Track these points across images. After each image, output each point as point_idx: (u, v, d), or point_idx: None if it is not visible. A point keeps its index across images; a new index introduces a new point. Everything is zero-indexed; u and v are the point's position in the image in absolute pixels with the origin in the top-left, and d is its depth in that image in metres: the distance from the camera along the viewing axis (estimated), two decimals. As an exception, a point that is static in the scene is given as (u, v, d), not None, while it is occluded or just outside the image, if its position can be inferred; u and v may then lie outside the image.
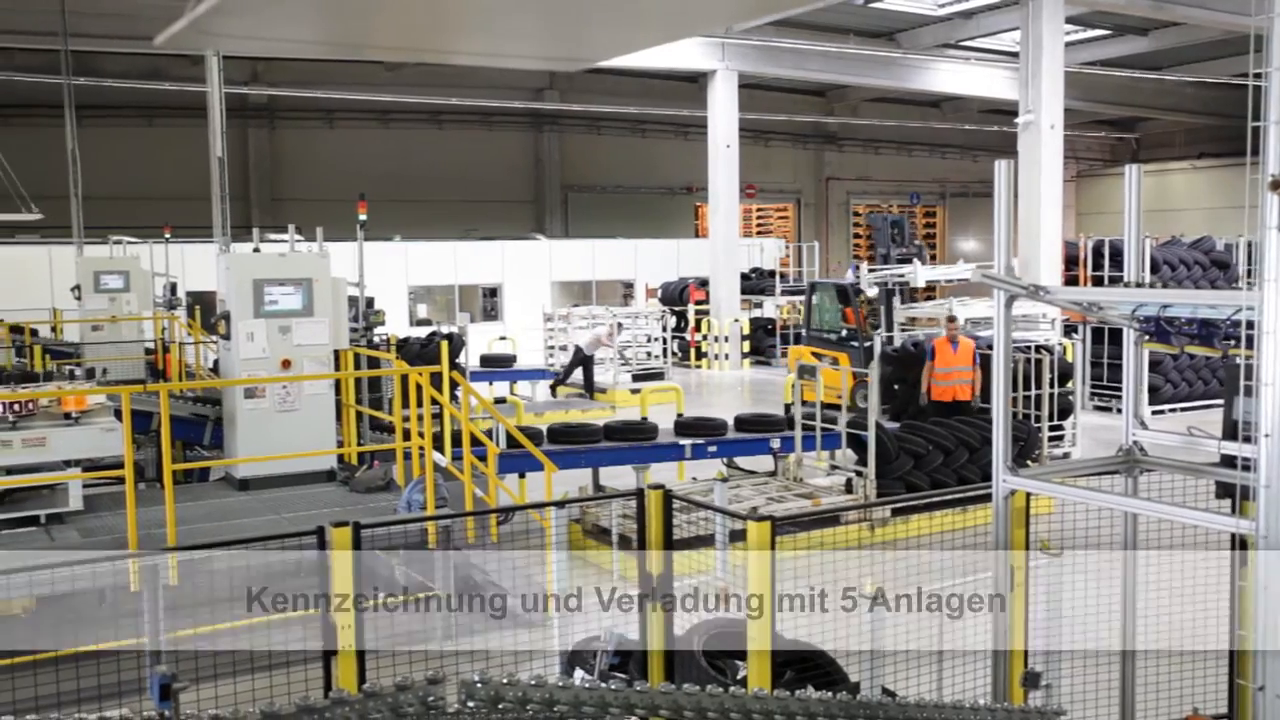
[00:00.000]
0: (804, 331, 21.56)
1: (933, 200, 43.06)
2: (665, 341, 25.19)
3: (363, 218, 12.02)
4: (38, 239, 24.87)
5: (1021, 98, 22.13)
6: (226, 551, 8.04)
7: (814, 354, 16.27)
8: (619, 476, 13.08)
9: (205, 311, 18.75)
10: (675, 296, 28.44)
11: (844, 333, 19.95)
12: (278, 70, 30.72)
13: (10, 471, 8.84)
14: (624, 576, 9.99)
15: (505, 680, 3.37)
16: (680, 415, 14.46)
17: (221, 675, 5.80)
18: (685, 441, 12.93)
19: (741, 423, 13.63)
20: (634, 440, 12.74)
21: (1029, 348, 14.67)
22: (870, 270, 20.37)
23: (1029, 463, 11.93)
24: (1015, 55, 25.86)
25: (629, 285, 30.65)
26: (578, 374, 21.22)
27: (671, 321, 25.87)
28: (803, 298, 29.47)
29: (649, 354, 25.19)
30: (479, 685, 3.32)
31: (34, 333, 16.60)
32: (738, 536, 9.60)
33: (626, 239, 30.92)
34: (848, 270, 23.42)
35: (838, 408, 12.64)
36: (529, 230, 33.46)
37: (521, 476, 12.00)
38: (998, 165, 4.99)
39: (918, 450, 12.40)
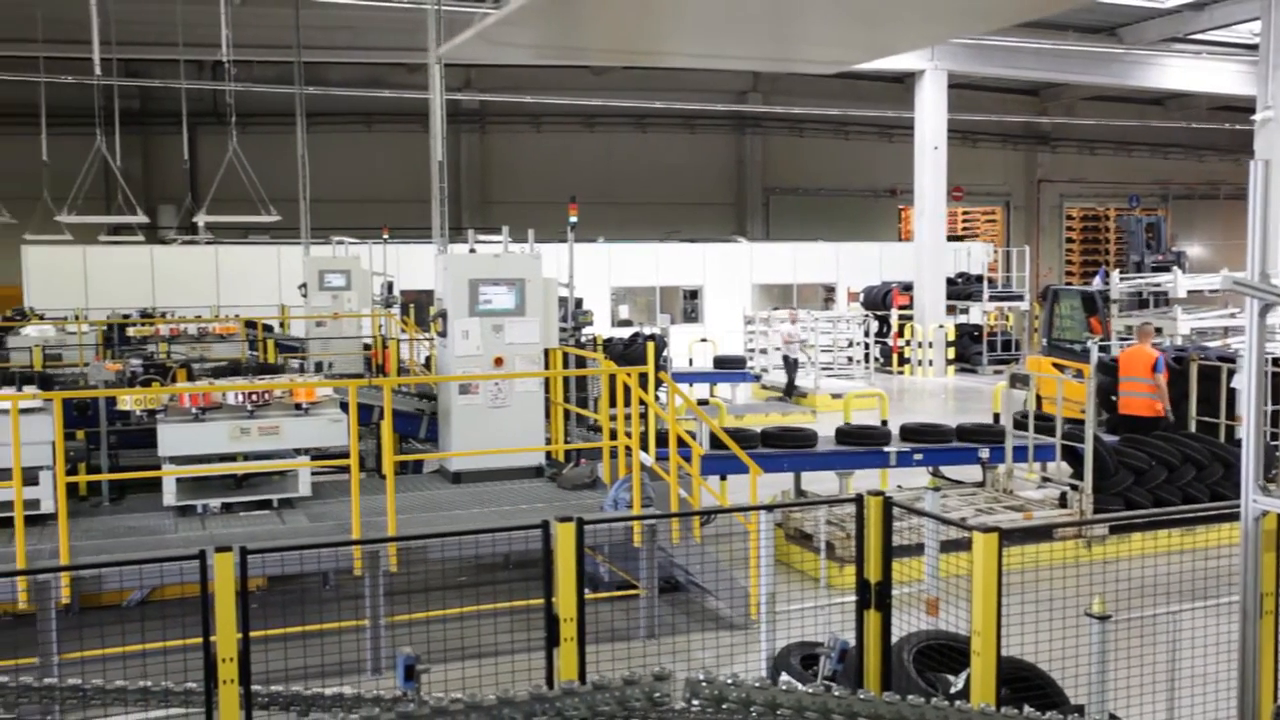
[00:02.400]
0: (1044, 341, 20.73)
1: (1153, 202, 40.92)
2: (866, 346, 24.77)
3: (573, 219, 12.25)
4: (267, 239, 26.44)
5: (1260, 93, 20.71)
6: (444, 541, 8.34)
7: (1055, 365, 15.55)
8: (817, 482, 12.94)
9: (419, 309, 19.53)
10: (878, 301, 27.95)
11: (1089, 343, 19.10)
12: (489, 76, 31.69)
13: (247, 457, 9.39)
14: (830, 584, 9.87)
15: (729, 681, 3.35)
16: (884, 421, 14.16)
17: (436, 660, 5.98)
18: (890, 449, 12.65)
19: (961, 432, 13.21)
20: (842, 445, 12.52)
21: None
22: (1122, 278, 19.33)
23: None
24: (1252, 48, 24.30)
25: (830, 289, 30.29)
26: (779, 376, 21.13)
27: (873, 326, 25.43)
28: (1011, 304, 28.61)
29: (849, 359, 24.83)
30: (704, 684, 3.32)
31: (267, 328, 17.59)
32: (949, 546, 9.35)
33: (828, 242, 30.56)
34: (1095, 276, 22.37)
35: (1073, 421, 12.10)
36: (730, 233, 33.48)
37: (723, 479, 11.99)
38: (1253, 166, 4.68)
39: (1139, 465, 11.79)
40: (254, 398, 9.43)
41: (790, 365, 20.99)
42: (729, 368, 21.21)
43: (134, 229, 23.68)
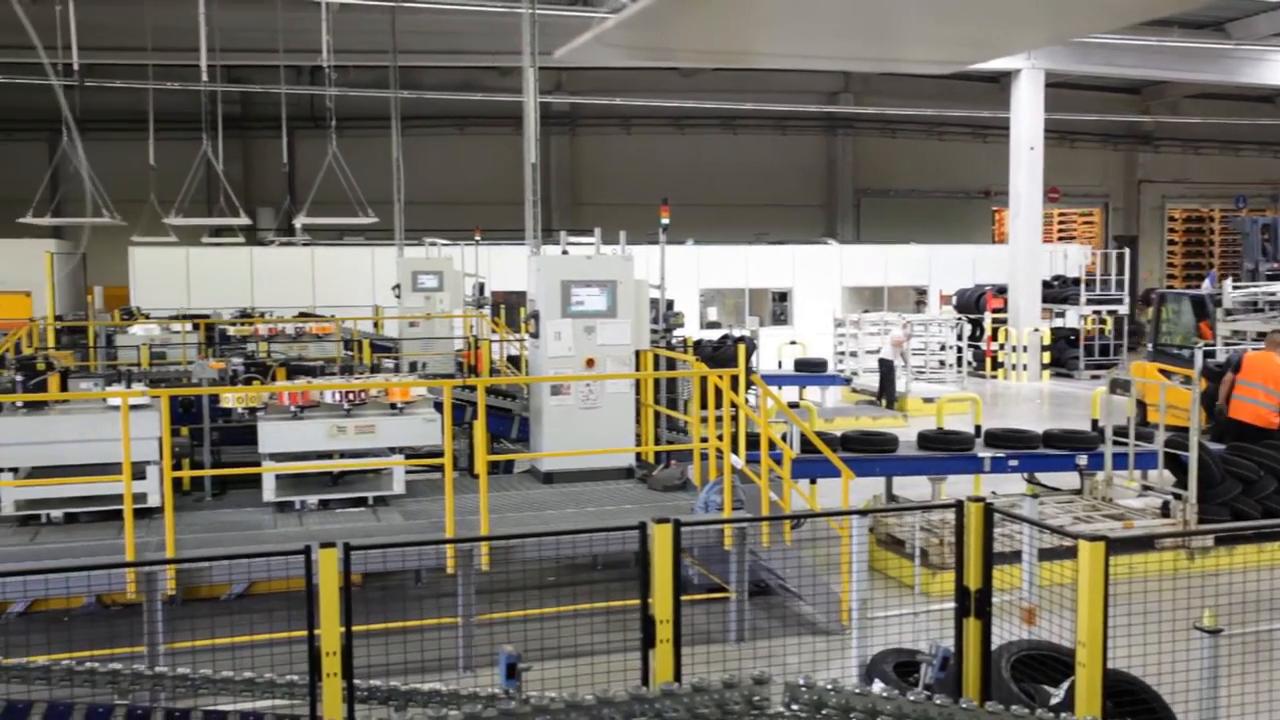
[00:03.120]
0: (1150, 346, 20.20)
1: (1262, 203, 39.62)
2: (959, 350, 24.39)
3: (665, 221, 12.26)
4: (361, 241, 26.93)
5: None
6: (537, 541, 8.40)
7: (1161, 371, 15.12)
8: (907, 487, 12.77)
9: (509, 310, 19.70)
10: (971, 304, 27.51)
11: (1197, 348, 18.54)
12: (580, 79, 31.90)
13: (343, 455, 9.56)
14: (924, 591, 9.73)
15: (829, 686, 3.32)
16: (978, 426, 13.91)
17: (529, 658, 6.02)
18: (985, 454, 12.43)
19: (1048, 438, 12.96)
20: (933, 450, 12.34)
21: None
22: (1235, 286, 18.71)
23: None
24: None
25: (922, 291, 29.88)
26: (869, 380, 20.90)
27: (966, 329, 25.03)
28: (1110, 307, 27.93)
29: (941, 362, 24.47)
30: (803, 689, 3.29)
31: (376, 342, 17.87)
32: (1046, 555, 9.15)
33: (920, 244, 30.17)
34: (1205, 280, 21.69)
35: (1176, 428, 11.77)
36: (820, 234, 33.24)
37: (813, 482, 11.89)
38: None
39: (1247, 475, 11.42)
40: (350, 397, 9.60)
41: (888, 371, 20.74)
42: (810, 371, 21.03)
43: (235, 231, 24.28)
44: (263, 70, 27.13)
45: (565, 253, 11.22)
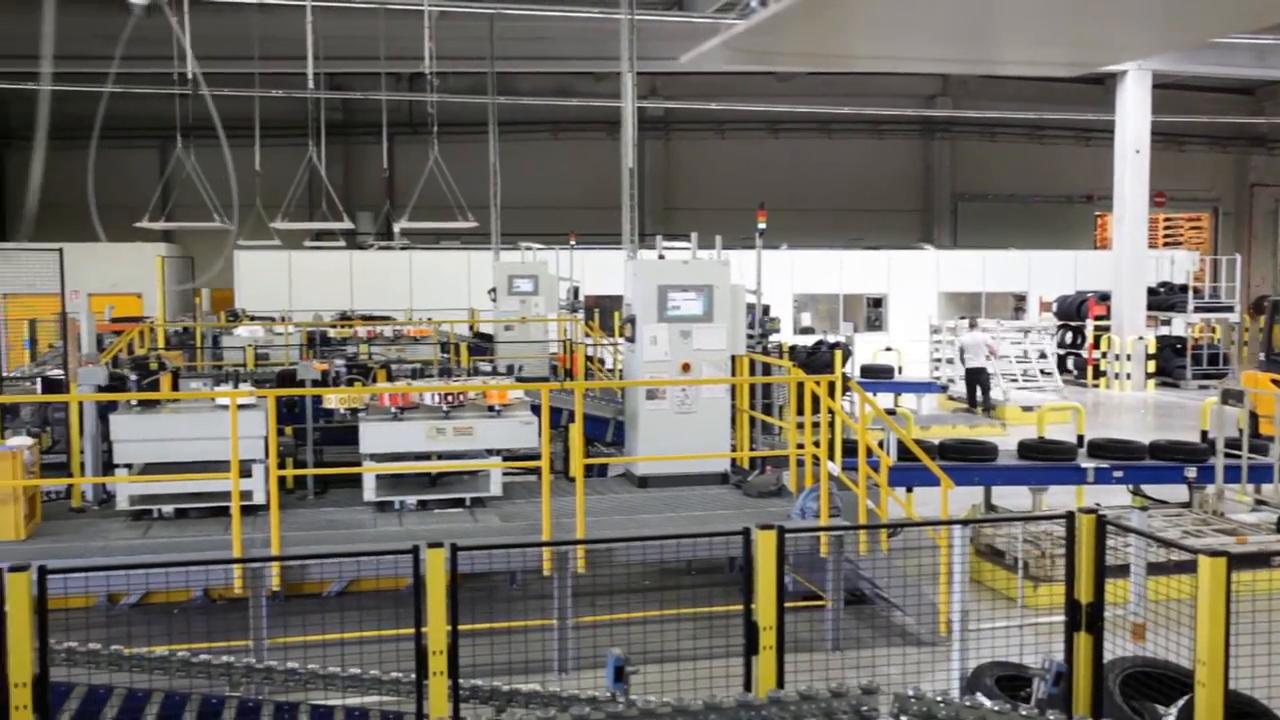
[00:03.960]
0: (1263, 355, 19.54)
1: (1383, 208, 38.15)
2: (1059, 358, 23.86)
3: (761, 226, 12.20)
4: (458, 245, 27.28)
5: None
6: (631, 544, 8.41)
7: (1275, 381, 14.61)
8: (1005, 497, 12.53)
9: (603, 314, 19.80)
10: (1072, 311, 26.89)
11: None
12: (674, 84, 31.94)
13: (441, 456, 9.68)
14: (1027, 604, 9.52)
15: (938, 698, 3.26)
16: (1081, 436, 13.59)
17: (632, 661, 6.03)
18: (1088, 465, 12.13)
19: (1154, 449, 12.60)
20: (1034, 459, 12.08)
21: None
22: None
23: None
24: None
25: (1021, 298, 29.31)
26: (963, 386, 20.55)
27: (1067, 337, 24.48)
28: (1219, 315, 27.09)
29: (1041, 371, 23.96)
30: (912, 699, 3.23)
31: (481, 335, 18.11)
32: (1154, 569, 8.91)
33: (1019, 250, 29.59)
34: None
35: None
36: (916, 240, 32.81)
37: (909, 490, 11.73)
38: None
39: (1368, 489, 10.97)
40: (449, 399, 9.72)
41: (981, 378, 20.36)
42: (876, 377, 20.70)
43: (335, 235, 24.79)
44: (363, 77, 27.66)
45: (661, 257, 11.22)
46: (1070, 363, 26.65)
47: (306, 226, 22.40)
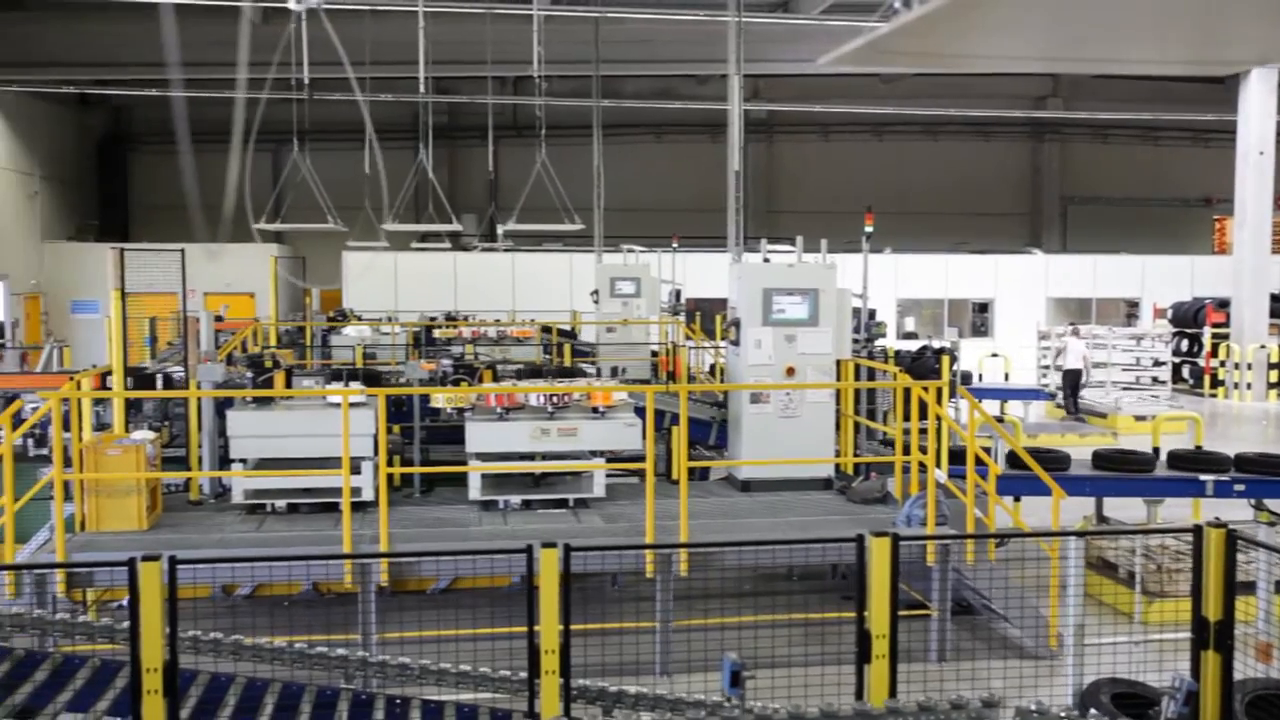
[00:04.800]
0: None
1: None
2: (1174, 367, 23.15)
3: (868, 229, 12.07)
4: (560, 247, 27.50)
5: None
6: (735, 549, 8.37)
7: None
8: (1116, 509, 12.17)
9: (704, 317, 19.76)
10: (1188, 318, 26.06)
11: None
12: (777, 87, 31.78)
13: (545, 457, 9.76)
14: (1144, 620, 9.24)
15: (1063, 714, 3.17)
16: (1198, 447, 13.13)
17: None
18: (1206, 477, 11.70)
19: (1239, 462, 12.03)
20: (1135, 470, 11.66)
21: None
22: None
23: None
24: None
25: (1133, 304, 28.51)
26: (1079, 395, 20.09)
27: (1183, 345, 23.74)
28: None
29: (1154, 379, 23.26)
30: (1035, 713, 3.16)
31: (562, 332, 18.26)
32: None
33: (1132, 254, 28.78)
34: None
35: None
36: (1024, 244, 32.13)
37: (1016, 499, 11.47)
38: None
39: None
40: (554, 400, 9.80)
41: (1075, 381, 19.89)
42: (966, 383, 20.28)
43: (441, 236, 25.19)
44: (467, 81, 28.04)
45: (766, 260, 11.16)
46: (1186, 371, 25.84)
47: (416, 228, 22.81)
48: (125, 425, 9.97)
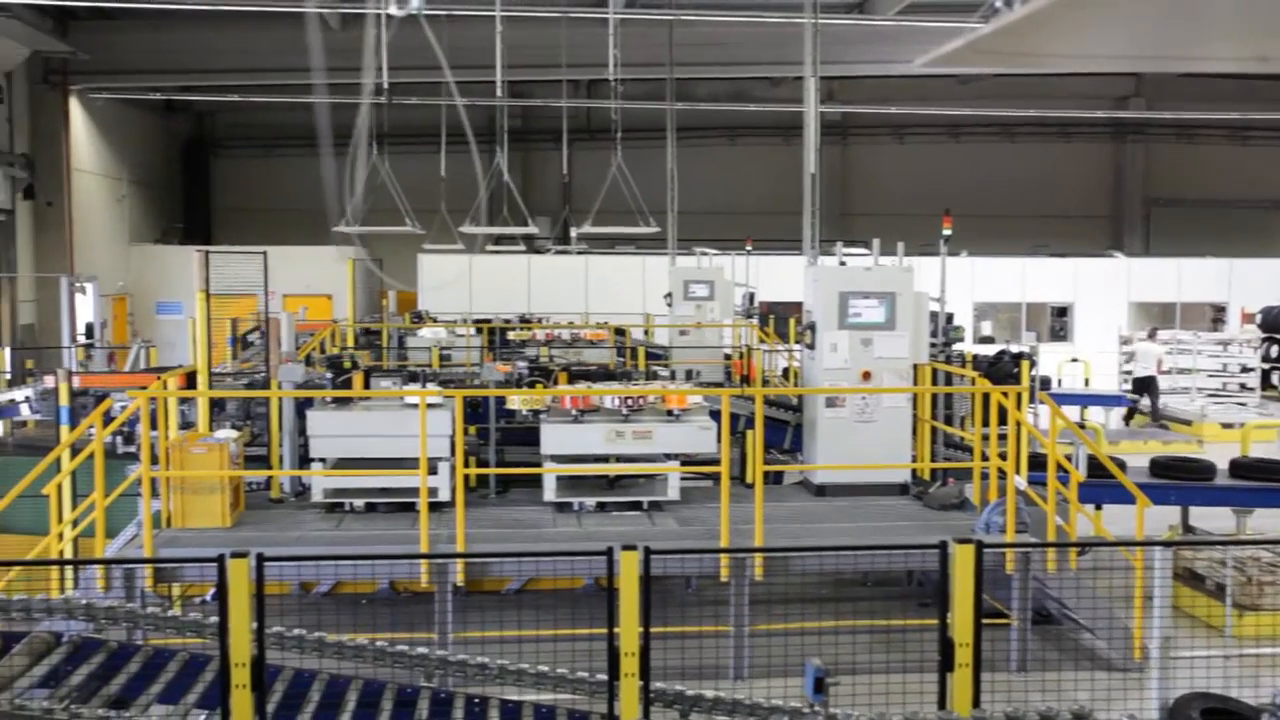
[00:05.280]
0: None
1: None
2: (1263, 373, 22.53)
3: (946, 232, 11.92)
4: (633, 250, 27.54)
5: None
6: (810, 553, 8.31)
7: None
8: (1204, 518, 11.88)
9: (777, 320, 19.67)
10: (1279, 323, 25.34)
11: None
12: (852, 88, 31.53)
13: (620, 459, 9.78)
14: (1235, 634, 9.01)
15: (1157, 731, 3.09)
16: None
17: (795, 673, 5.94)
18: (1292, 486, 11.37)
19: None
20: (1246, 480, 11.35)
21: None
22: None
23: None
24: None
25: (1220, 309, 27.79)
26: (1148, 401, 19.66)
27: (1273, 351, 23.10)
28: None
29: (1242, 385, 22.68)
30: (1128, 732, 3.08)
31: (633, 335, 18.28)
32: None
33: (1219, 258, 28.05)
34: None
35: None
36: (1105, 247, 31.47)
37: (1098, 508, 11.24)
38: None
39: None
40: (629, 402, 9.82)
41: (1151, 387, 19.45)
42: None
43: (516, 239, 25.35)
44: (540, 84, 28.21)
45: (842, 264, 11.08)
46: (1276, 378, 25.13)
47: (492, 231, 22.96)
48: (209, 424, 10.18)
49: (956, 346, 13.25)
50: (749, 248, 22.05)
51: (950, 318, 13.42)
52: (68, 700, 5.18)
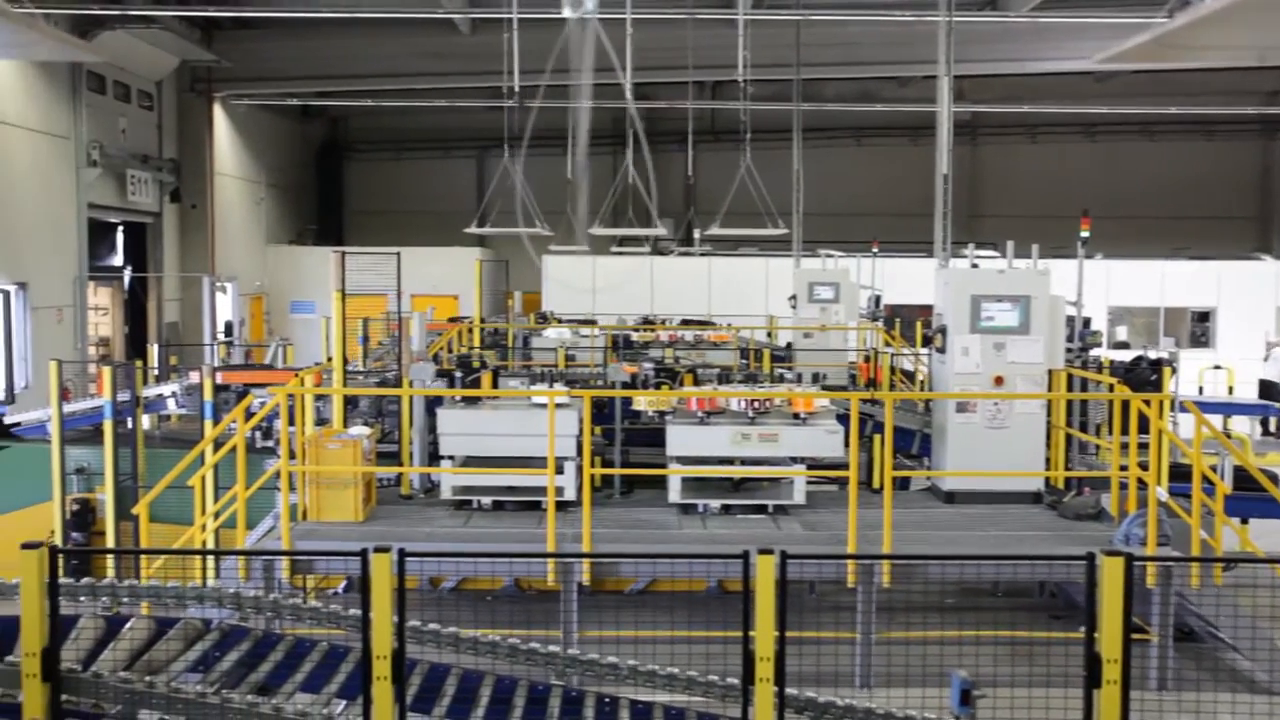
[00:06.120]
0: None
1: None
2: None
3: (1085, 234, 11.58)
4: (755, 251, 27.41)
5: None
6: (942, 561, 8.15)
7: None
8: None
9: (904, 324, 19.34)
10: None
11: None
12: (983, 87, 30.83)
13: (744, 462, 9.73)
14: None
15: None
16: None
17: (930, 682, 5.83)
18: None
19: None
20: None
21: None
22: None
23: None
24: None
25: (1377, 313, 26.38)
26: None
27: None
28: None
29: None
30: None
31: (777, 358, 18.15)
32: None
33: (1380, 260, 26.67)
34: None
35: None
36: (1252, 249, 30.17)
37: (1244, 522, 10.78)
38: None
39: None
40: (755, 405, 9.76)
41: (1275, 392, 18.56)
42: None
43: (640, 241, 25.47)
44: (664, 86, 28.27)
45: (975, 266, 10.85)
46: None
47: (619, 233, 23.13)
48: (344, 421, 10.46)
49: (1093, 352, 12.85)
50: (875, 250, 21.74)
51: (1087, 322, 13.03)
52: (218, 685, 5.37)
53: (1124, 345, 25.17)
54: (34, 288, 18.95)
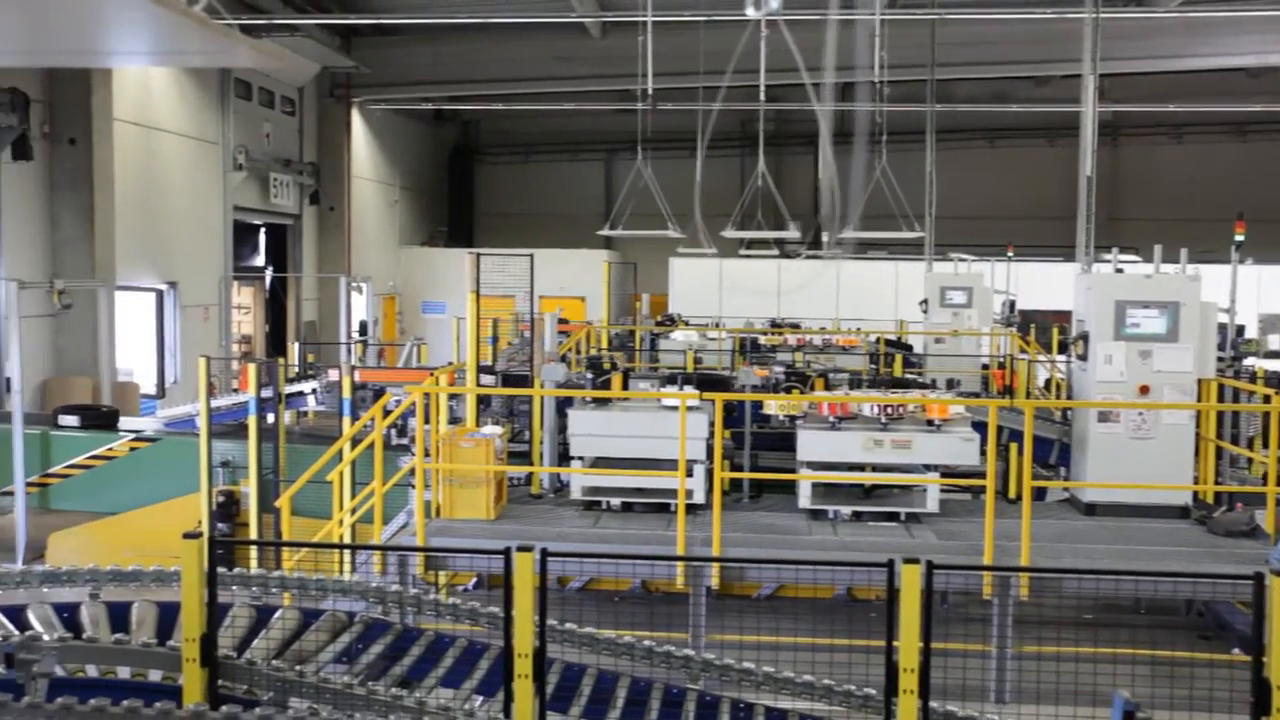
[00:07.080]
0: None
1: None
2: None
3: (1239, 238, 11.11)
4: (885, 255, 27.01)
5: None
6: (1081, 576, 7.90)
7: None
8: None
9: (1039, 329, 18.85)
10: None
11: None
12: (1124, 86, 29.86)
13: (876, 468, 9.59)
14: None
15: None
16: None
17: (1079, 699, 5.64)
18: None
19: None
20: None
21: None
22: None
23: None
24: None
25: None
26: None
27: None
28: None
29: None
30: None
31: (890, 343, 17.93)
32: None
33: None
34: None
35: None
36: None
37: None
38: None
39: None
40: (888, 410, 9.61)
41: None
42: None
43: (769, 244, 25.33)
44: (793, 89, 28.07)
45: (1119, 270, 10.50)
46: None
47: (751, 235, 23.04)
48: (476, 420, 10.63)
49: (1247, 360, 12.31)
50: (1010, 253, 21.23)
51: (1241, 330, 12.50)
52: (362, 676, 5.52)
53: (1277, 355, 24.07)
54: (183, 287, 19.77)
